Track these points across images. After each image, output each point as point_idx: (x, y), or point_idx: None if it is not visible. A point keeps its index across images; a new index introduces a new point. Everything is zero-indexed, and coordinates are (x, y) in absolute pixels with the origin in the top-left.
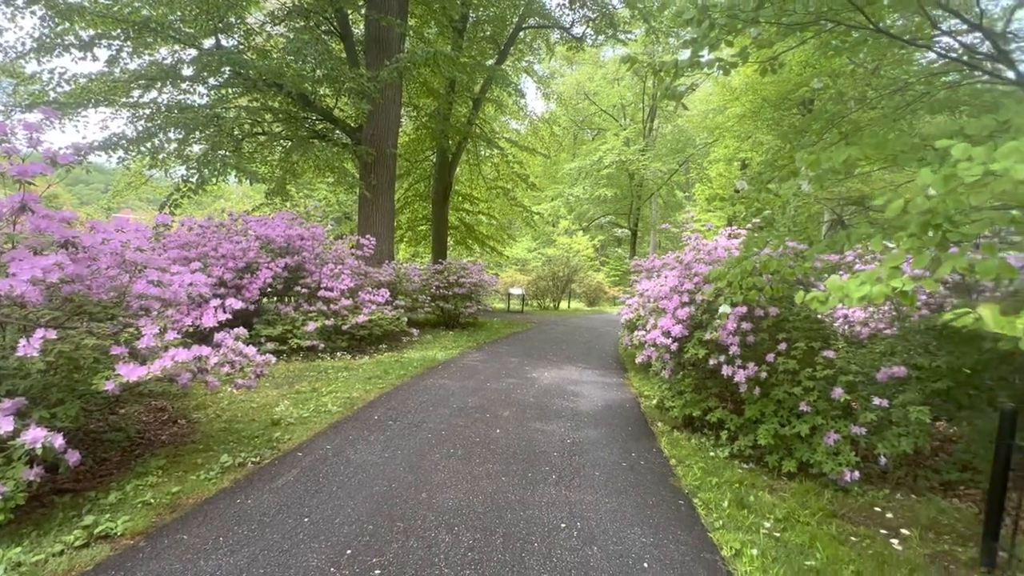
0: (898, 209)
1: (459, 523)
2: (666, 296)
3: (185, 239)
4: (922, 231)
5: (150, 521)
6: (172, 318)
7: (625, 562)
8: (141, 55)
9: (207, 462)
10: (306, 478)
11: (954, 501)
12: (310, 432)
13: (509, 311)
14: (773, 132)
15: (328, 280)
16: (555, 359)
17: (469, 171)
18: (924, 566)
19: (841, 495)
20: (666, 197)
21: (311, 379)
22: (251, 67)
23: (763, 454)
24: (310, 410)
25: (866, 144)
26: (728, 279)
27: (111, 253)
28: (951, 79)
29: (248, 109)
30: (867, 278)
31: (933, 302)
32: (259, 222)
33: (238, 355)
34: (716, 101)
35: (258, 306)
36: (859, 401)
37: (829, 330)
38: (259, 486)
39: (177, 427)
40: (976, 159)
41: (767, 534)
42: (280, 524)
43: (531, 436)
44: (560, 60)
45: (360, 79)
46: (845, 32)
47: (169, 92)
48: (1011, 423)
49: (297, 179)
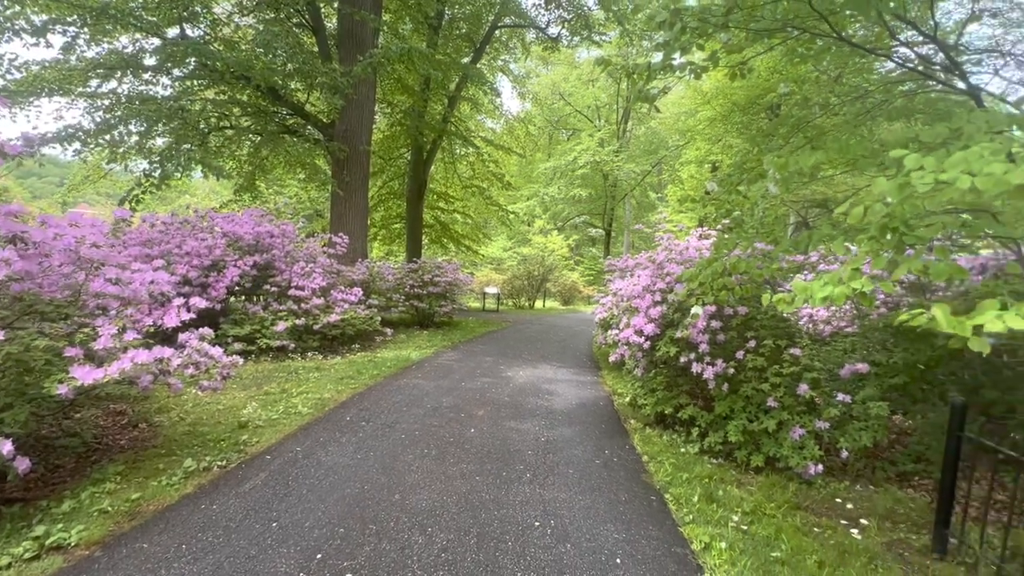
0: (859, 216)
1: (433, 524)
2: (639, 295)
3: (147, 236)
4: (881, 234)
5: (107, 530)
6: (132, 318)
7: (598, 558)
8: (100, 43)
9: (170, 467)
10: (275, 481)
11: (909, 491)
12: (279, 434)
13: (484, 310)
14: (742, 136)
15: (299, 279)
16: (530, 358)
17: (444, 169)
18: (881, 554)
19: (805, 488)
20: (639, 198)
21: (281, 380)
22: (218, 59)
23: (732, 449)
24: (279, 412)
25: (830, 149)
26: (700, 280)
27: (64, 249)
28: (908, 88)
29: (215, 102)
30: (830, 279)
31: (890, 300)
32: (226, 219)
33: (203, 356)
34: (688, 104)
35: (225, 305)
36: (823, 397)
37: (795, 328)
38: (225, 491)
39: (138, 431)
40: (927, 168)
41: (735, 527)
42: (247, 529)
43: (505, 435)
44: (536, 60)
45: (333, 74)
46: (810, 40)
47: (130, 82)
48: (960, 416)
49: (267, 175)
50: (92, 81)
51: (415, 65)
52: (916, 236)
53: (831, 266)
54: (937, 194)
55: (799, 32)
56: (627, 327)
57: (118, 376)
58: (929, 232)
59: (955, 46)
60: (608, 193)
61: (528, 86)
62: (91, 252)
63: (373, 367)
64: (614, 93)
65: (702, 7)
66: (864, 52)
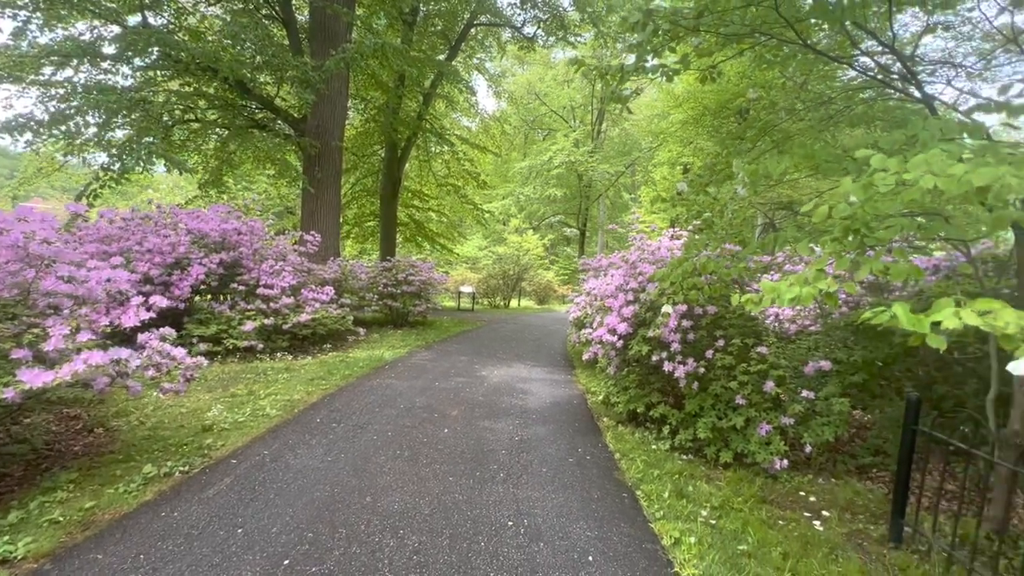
0: (823, 215)
1: (405, 526)
2: (612, 295)
3: (105, 232)
4: (844, 235)
5: (58, 541)
6: (87, 317)
7: (571, 556)
8: (54, 28)
9: (127, 473)
10: (240, 486)
11: (868, 483)
12: (246, 437)
13: (459, 309)
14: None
15: (268, 277)
16: (505, 357)
17: (419, 167)
18: (841, 544)
19: (771, 482)
20: (613, 198)
21: (248, 381)
22: (183, 49)
23: (702, 446)
24: (246, 414)
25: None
26: (671, 280)
27: (11, 246)
28: (867, 96)
29: (179, 94)
30: (796, 280)
31: (851, 300)
32: (191, 215)
33: (164, 357)
34: (661, 107)
35: (189, 305)
36: (788, 394)
37: (762, 327)
38: (187, 497)
39: (93, 437)
40: (891, 169)
41: (704, 522)
42: (210, 536)
43: (480, 435)
44: (511, 59)
45: (304, 68)
46: (777, 46)
47: (87, 71)
48: (915, 411)
49: (234, 170)
50: (45, 69)
51: (389, 61)
52: (877, 237)
53: (796, 267)
54: (899, 195)
55: (767, 38)
56: (600, 326)
57: (70, 379)
58: (889, 233)
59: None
60: (583, 193)
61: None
62: (41, 248)
63: (345, 367)
64: (589, 94)
65: (674, 9)
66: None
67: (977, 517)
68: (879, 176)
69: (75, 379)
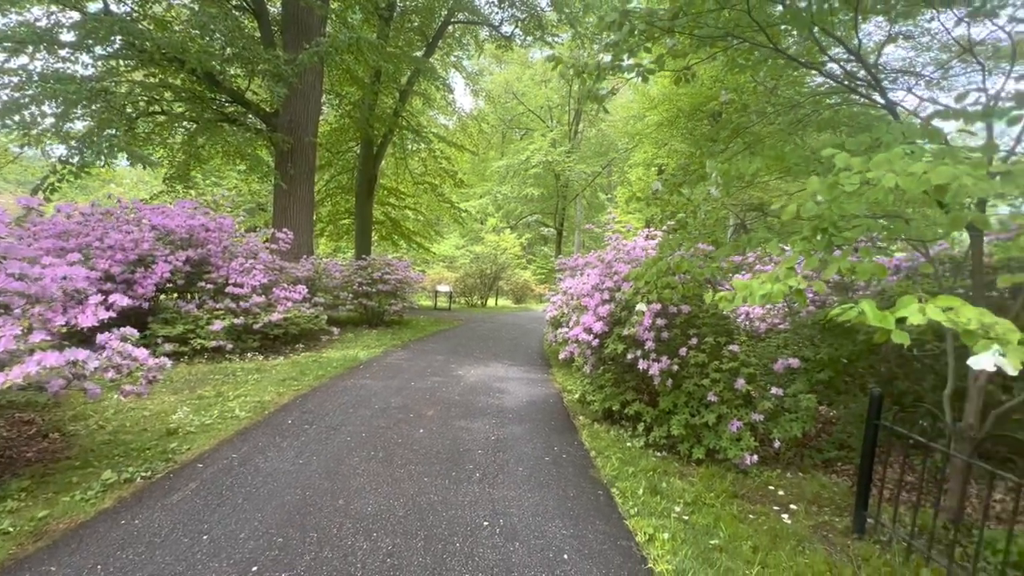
0: (792, 213)
1: (378, 528)
2: (588, 294)
3: (63, 227)
4: (812, 235)
5: (7, 553)
6: (41, 317)
7: (546, 555)
8: (6, 13)
9: (85, 480)
10: (207, 491)
11: (833, 477)
12: (213, 440)
13: (436, 308)
14: (687, 140)
15: (237, 275)
16: (481, 356)
17: (395, 164)
18: (808, 536)
19: (742, 477)
20: (590, 198)
21: (216, 383)
22: (147, 38)
23: (675, 443)
24: (214, 416)
25: (768, 156)
26: (645, 279)
27: None
28: (834, 101)
29: (144, 85)
30: (768, 279)
31: (818, 299)
32: (156, 211)
33: (125, 358)
34: (636, 108)
35: (154, 304)
36: (758, 391)
37: (733, 325)
38: (150, 503)
39: (48, 442)
40: (855, 168)
41: (677, 518)
42: (174, 544)
43: (456, 435)
44: (489, 58)
45: (276, 61)
46: (749, 50)
47: (44, 59)
48: (878, 406)
49: (203, 165)
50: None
51: (365, 56)
52: (844, 237)
53: (766, 267)
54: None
55: (739, 41)
56: (577, 325)
57: (22, 381)
58: (855, 233)
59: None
60: (560, 193)
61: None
62: None
63: (318, 367)
64: (566, 95)
65: (649, 10)
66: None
67: (935, 507)
68: (844, 175)
69: (27, 382)
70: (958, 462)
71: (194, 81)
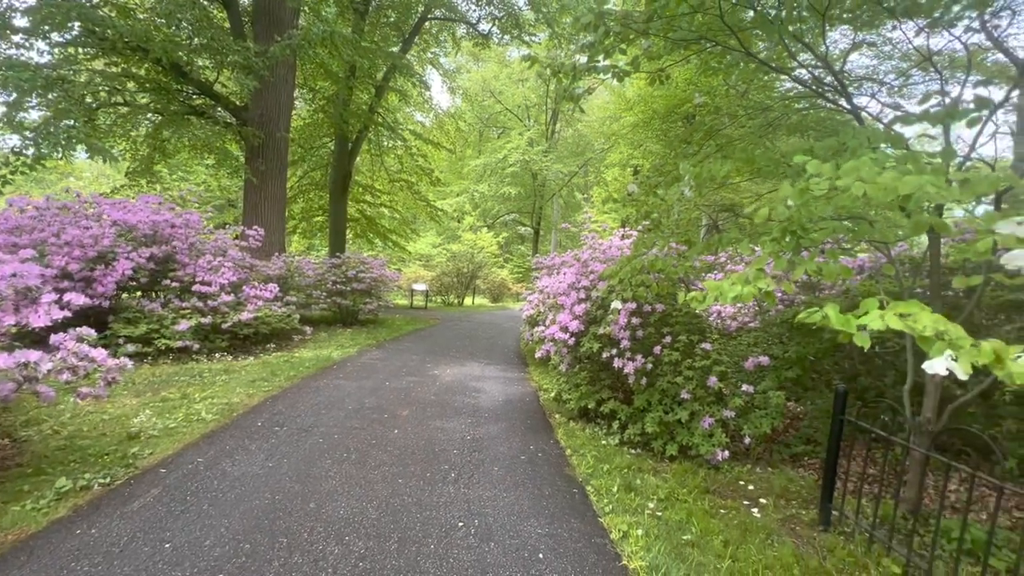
0: (764, 217)
1: (350, 532)
2: (564, 292)
3: (15, 222)
4: (782, 236)
5: None
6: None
7: (521, 555)
8: None
9: (37, 488)
10: (169, 497)
11: (800, 471)
12: (178, 444)
13: (412, 307)
14: (661, 142)
15: (205, 273)
16: (458, 355)
17: (371, 161)
18: (777, 530)
19: (714, 473)
20: (567, 198)
21: (182, 384)
22: (109, 26)
23: (650, 440)
24: (178, 419)
25: (738, 158)
26: (620, 277)
27: None
28: (803, 106)
29: (105, 74)
30: (738, 279)
31: (786, 298)
32: (117, 205)
33: (82, 359)
34: (612, 109)
35: (115, 302)
36: (730, 388)
37: (706, 324)
38: (108, 512)
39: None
40: (824, 175)
41: (651, 514)
42: (133, 554)
43: (431, 435)
44: (466, 56)
45: (246, 53)
46: (722, 54)
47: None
48: (842, 402)
49: (169, 159)
50: None
51: (339, 50)
52: (811, 239)
53: (738, 266)
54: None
55: (712, 45)
56: (553, 324)
57: None
58: (822, 235)
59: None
60: (537, 192)
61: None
62: None
63: (290, 368)
64: (543, 94)
65: (625, 12)
66: (768, 69)
67: (895, 499)
68: (814, 181)
69: None
70: (917, 455)
71: (159, 72)
